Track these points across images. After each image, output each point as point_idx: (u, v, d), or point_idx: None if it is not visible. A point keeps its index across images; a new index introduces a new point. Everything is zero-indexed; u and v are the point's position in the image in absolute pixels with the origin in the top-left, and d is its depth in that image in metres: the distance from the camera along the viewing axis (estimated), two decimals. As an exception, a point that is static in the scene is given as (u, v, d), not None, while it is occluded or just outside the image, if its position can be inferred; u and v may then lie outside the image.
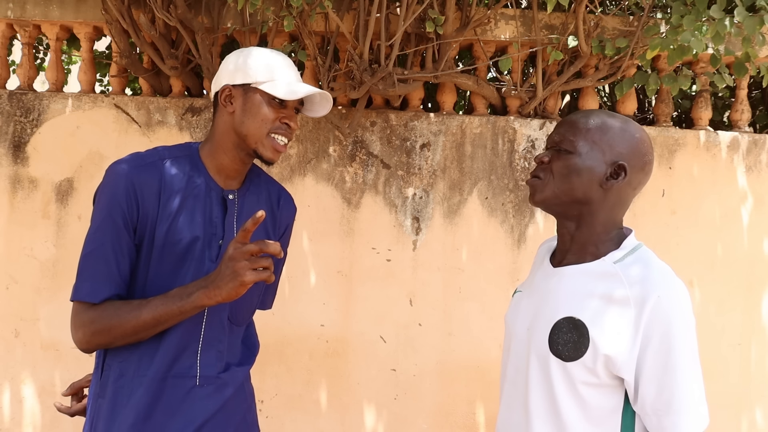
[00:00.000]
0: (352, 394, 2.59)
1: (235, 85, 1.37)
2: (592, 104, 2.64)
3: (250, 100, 1.36)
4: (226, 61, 1.42)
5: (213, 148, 1.40)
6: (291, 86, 1.36)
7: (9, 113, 2.67)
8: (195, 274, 1.33)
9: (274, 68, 1.37)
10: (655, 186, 2.57)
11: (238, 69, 1.36)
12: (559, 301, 1.19)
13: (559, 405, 1.15)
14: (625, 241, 1.20)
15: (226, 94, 1.37)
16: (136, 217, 1.30)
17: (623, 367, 1.10)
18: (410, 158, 2.58)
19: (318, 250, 2.59)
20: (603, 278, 1.15)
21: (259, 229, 1.45)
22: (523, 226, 2.58)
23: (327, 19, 2.47)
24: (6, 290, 2.66)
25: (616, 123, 1.20)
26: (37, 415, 2.65)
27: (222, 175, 1.40)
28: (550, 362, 1.15)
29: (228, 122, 1.38)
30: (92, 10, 2.62)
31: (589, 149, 1.18)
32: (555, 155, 1.21)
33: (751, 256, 2.59)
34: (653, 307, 1.08)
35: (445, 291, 2.58)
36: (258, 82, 1.35)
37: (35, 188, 2.66)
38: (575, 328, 1.13)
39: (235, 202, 1.41)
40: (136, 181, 1.29)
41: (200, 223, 1.35)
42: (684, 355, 1.08)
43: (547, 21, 2.51)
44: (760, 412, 2.60)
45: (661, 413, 1.09)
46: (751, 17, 2.03)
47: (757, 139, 2.60)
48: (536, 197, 1.22)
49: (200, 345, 1.35)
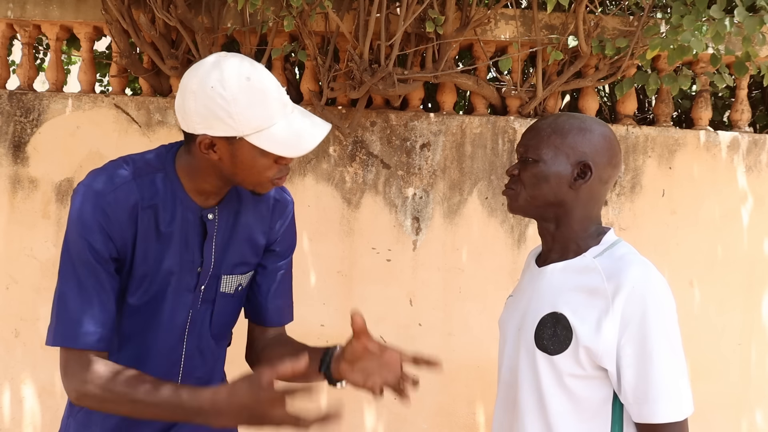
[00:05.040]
0: (352, 394, 2.59)
1: (216, 136, 1.10)
2: (592, 104, 2.64)
3: (239, 153, 1.12)
4: (189, 94, 1.10)
5: (193, 172, 1.20)
6: (292, 136, 1.11)
7: (9, 113, 2.67)
8: (175, 305, 1.23)
9: (259, 110, 1.09)
10: (655, 186, 2.57)
11: (216, 118, 1.08)
12: (544, 298, 1.23)
13: (546, 400, 1.18)
14: (605, 237, 1.24)
15: (205, 143, 1.12)
16: (115, 251, 1.16)
17: (604, 358, 1.13)
18: (410, 158, 2.58)
19: (318, 250, 2.59)
20: (583, 272, 1.19)
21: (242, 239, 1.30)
22: (523, 226, 2.58)
23: (327, 19, 2.47)
24: (6, 290, 2.66)
25: (576, 123, 1.24)
26: (37, 415, 2.65)
27: (202, 195, 1.23)
28: (536, 357, 1.19)
29: (212, 162, 1.15)
30: (92, 10, 2.62)
31: (553, 155, 1.22)
32: (523, 166, 1.25)
33: (751, 256, 2.59)
34: (628, 296, 1.11)
35: (445, 291, 2.58)
36: (246, 134, 1.09)
37: (35, 188, 2.66)
38: (558, 321, 1.17)
39: (215, 222, 1.25)
40: (110, 213, 1.13)
41: (177, 250, 1.21)
42: (660, 343, 1.10)
43: (547, 21, 2.51)
44: (760, 412, 2.60)
45: (641, 401, 1.11)
46: (751, 17, 2.03)
47: (757, 139, 2.60)
48: (513, 206, 1.28)
49: (180, 378, 1.28)
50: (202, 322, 1.29)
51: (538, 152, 1.23)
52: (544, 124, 1.26)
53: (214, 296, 1.29)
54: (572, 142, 1.22)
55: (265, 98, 1.09)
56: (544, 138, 1.23)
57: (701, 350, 2.50)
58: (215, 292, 1.29)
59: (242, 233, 1.30)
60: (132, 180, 1.17)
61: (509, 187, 1.28)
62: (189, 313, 1.26)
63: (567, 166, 1.22)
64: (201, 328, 1.29)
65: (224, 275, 1.29)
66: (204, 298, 1.28)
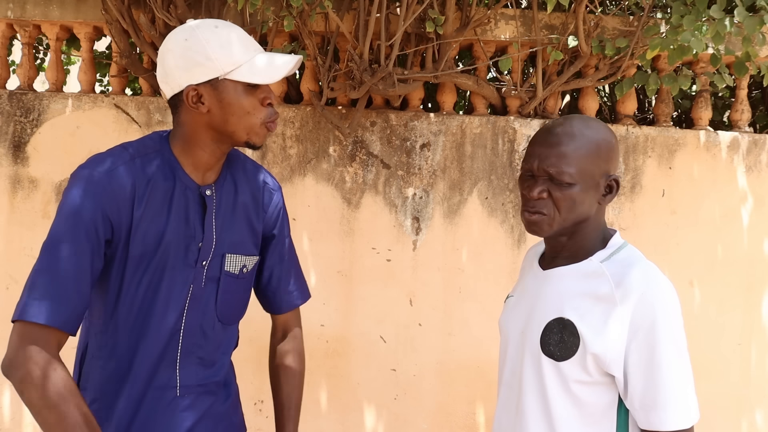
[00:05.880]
0: (352, 394, 2.59)
1: (200, 83, 1.18)
2: (592, 104, 2.64)
3: (225, 95, 1.19)
4: (168, 54, 1.20)
5: (187, 145, 1.26)
6: (266, 64, 1.20)
7: (9, 113, 2.67)
8: (173, 281, 1.25)
9: (234, 48, 1.18)
10: (655, 186, 2.57)
11: (196, 64, 1.17)
12: (550, 302, 1.21)
13: (551, 405, 1.17)
14: (611, 240, 1.23)
15: (192, 95, 1.19)
16: (110, 232, 1.18)
17: (612, 364, 1.12)
18: (410, 158, 2.58)
19: (318, 250, 2.59)
20: (590, 277, 1.18)
21: (242, 218, 1.35)
22: (523, 226, 2.58)
23: (327, 19, 2.47)
24: (6, 290, 2.66)
25: (597, 135, 1.19)
26: (37, 415, 2.65)
27: (199, 170, 1.28)
28: (542, 363, 1.18)
29: (203, 121, 1.22)
30: (92, 10, 2.63)
31: (585, 175, 1.17)
32: (552, 187, 1.18)
33: (751, 256, 2.59)
34: (637, 303, 1.10)
35: (445, 291, 2.58)
36: (226, 72, 1.18)
37: (35, 188, 2.66)
38: (565, 327, 1.16)
39: (213, 197, 1.30)
40: (107, 191, 1.16)
41: (176, 226, 1.24)
42: (669, 350, 1.10)
43: (547, 21, 2.51)
44: (760, 412, 2.60)
45: (648, 408, 1.10)
46: (751, 17, 2.03)
47: (757, 139, 2.60)
48: (543, 231, 1.21)
49: (179, 354, 1.28)
50: (207, 302, 1.31)
51: (573, 175, 1.16)
52: (570, 142, 1.17)
53: (219, 275, 1.32)
54: (599, 158, 1.18)
55: (236, 38, 1.20)
56: (575, 158, 1.16)
57: (701, 350, 2.50)
58: (219, 270, 1.31)
59: (240, 212, 1.35)
60: (130, 161, 1.22)
61: (538, 211, 1.19)
62: (190, 288, 1.28)
63: (597, 184, 1.19)
64: (205, 306, 1.31)
65: (228, 254, 1.32)
66: (208, 276, 1.30)
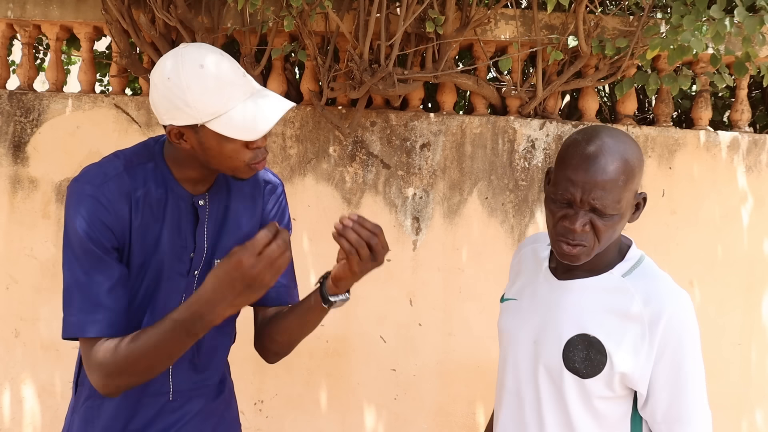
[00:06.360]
0: (352, 394, 2.59)
1: (182, 125, 1.13)
2: (592, 104, 2.64)
3: (205, 140, 1.14)
4: (153, 87, 1.15)
5: (177, 161, 1.23)
6: (249, 119, 1.11)
7: (9, 113, 2.67)
8: (168, 291, 1.26)
9: (215, 96, 1.10)
10: (655, 186, 2.57)
11: (176, 108, 1.11)
12: (570, 316, 1.20)
13: (573, 418, 1.19)
14: (629, 252, 1.23)
15: (174, 133, 1.15)
16: (115, 240, 1.18)
17: (639, 382, 1.15)
18: (410, 158, 2.58)
19: (318, 250, 2.59)
20: (614, 293, 1.18)
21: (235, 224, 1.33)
22: (523, 226, 2.58)
23: (327, 19, 2.47)
24: (6, 290, 2.66)
25: (631, 155, 1.14)
26: (37, 415, 2.65)
27: (191, 182, 1.26)
28: (564, 378, 1.18)
29: (189, 151, 1.18)
30: (92, 10, 2.62)
31: (627, 203, 1.15)
32: (594, 218, 1.13)
33: (751, 256, 2.59)
34: (666, 324, 1.13)
35: (445, 291, 2.58)
36: (204, 121, 1.11)
37: (35, 188, 2.66)
38: (591, 345, 1.16)
39: (206, 207, 1.28)
40: (102, 204, 1.16)
41: (170, 236, 1.24)
42: (694, 369, 1.15)
43: (547, 21, 2.51)
44: (760, 412, 2.60)
45: (672, 422, 1.15)
46: (751, 17, 2.03)
47: (757, 139, 2.60)
48: (581, 261, 1.17)
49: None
50: None
51: (619, 207, 1.13)
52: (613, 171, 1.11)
53: None
54: (637, 178, 1.15)
55: (219, 84, 1.11)
56: (621, 188, 1.12)
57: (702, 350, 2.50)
58: None
59: (234, 218, 1.33)
60: (123, 171, 1.21)
61: (580, 244, 1.15)
62: (182, 297, 1.28)
63: (632, 206, 1.18)
64: None
65: (219, 260, 1.31)
66: (200, 284, 1.28)
